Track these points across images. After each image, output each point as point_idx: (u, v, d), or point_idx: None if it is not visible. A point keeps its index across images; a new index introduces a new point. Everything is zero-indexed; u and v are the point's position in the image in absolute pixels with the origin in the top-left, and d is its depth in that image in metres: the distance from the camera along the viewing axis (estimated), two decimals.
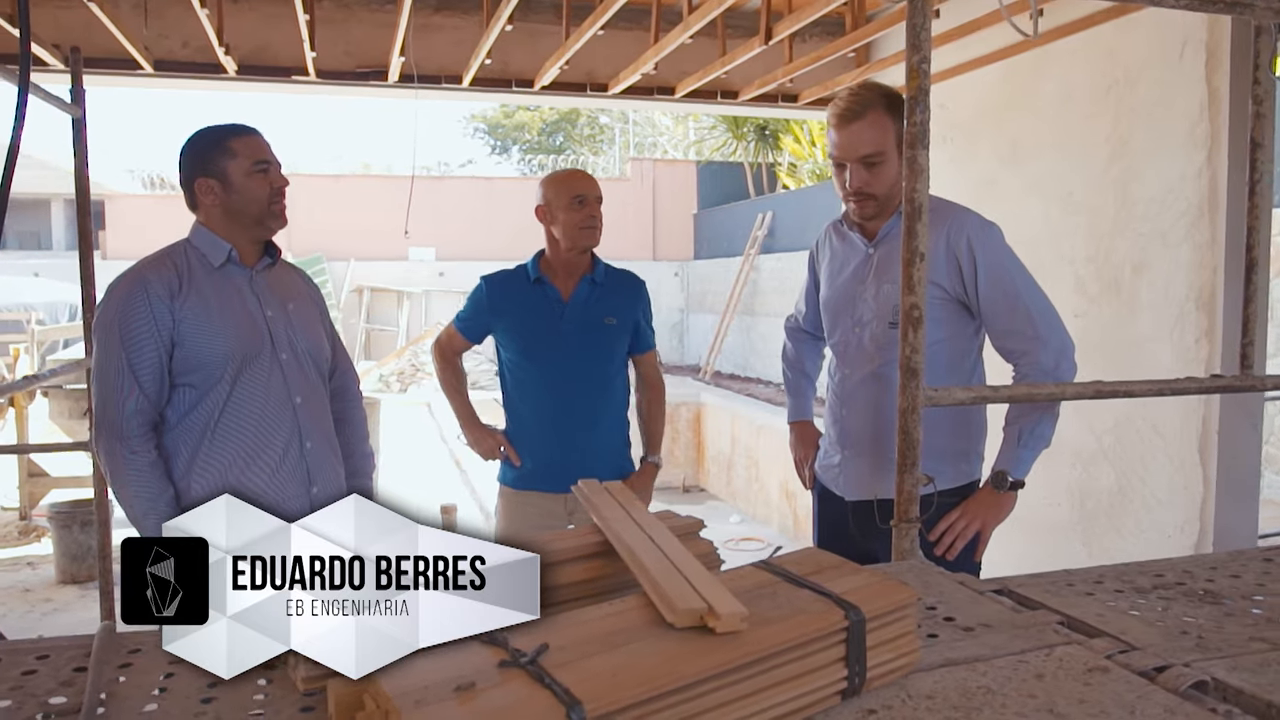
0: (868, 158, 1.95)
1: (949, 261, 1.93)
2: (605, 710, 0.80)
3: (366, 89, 4.61)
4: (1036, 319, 1.89)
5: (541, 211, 2.34)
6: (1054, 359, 1.87)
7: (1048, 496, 4.06)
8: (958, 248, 1.93)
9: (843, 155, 1.96)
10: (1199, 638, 1.13)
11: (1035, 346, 1.88)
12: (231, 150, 1.81)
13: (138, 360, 1.72)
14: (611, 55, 4.88)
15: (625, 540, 1.14)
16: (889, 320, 1.94)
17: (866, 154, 1.94)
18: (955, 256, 1.93)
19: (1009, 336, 1.92)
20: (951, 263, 1.93)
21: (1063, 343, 1.90)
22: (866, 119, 1.93)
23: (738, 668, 0.88)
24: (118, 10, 4.09)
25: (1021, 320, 1.90)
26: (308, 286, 2.02)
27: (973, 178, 4.37)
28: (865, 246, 2.06)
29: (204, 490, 1.76)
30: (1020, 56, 3.96)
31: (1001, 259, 1.94)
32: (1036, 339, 1.88)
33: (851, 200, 1.98)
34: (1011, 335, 1.91)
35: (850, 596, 0.99)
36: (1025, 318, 1.90)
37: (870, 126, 1.93)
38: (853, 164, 1.95)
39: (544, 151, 29.47)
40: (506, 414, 2.41)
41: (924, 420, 1.92)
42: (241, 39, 4.29)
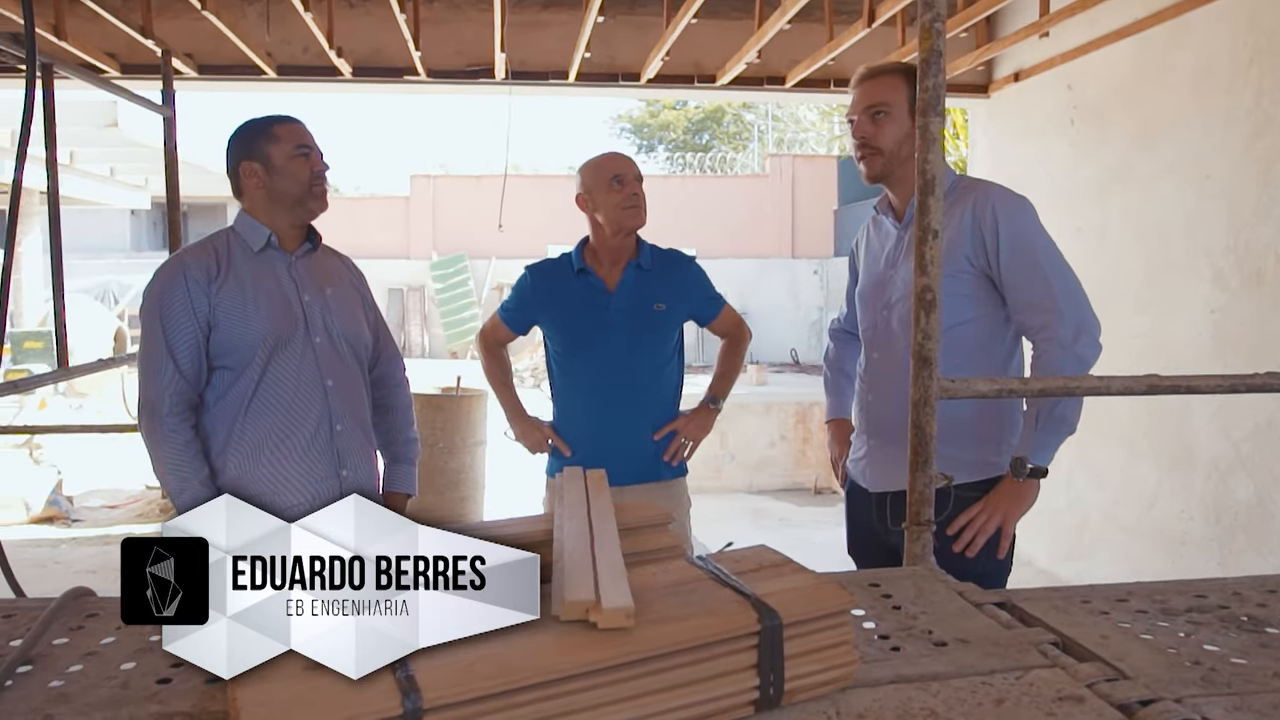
0: (872, 107, 1.91)
1: (974, 235, 1.83)
2: (446, 700, 0.75)
3: (475, 87, 4.72)
4: (1057, 290, 1.75)
5: (582, 200, 2.29)
6: (1072, 332, 1.72)
7: (1183, 509, 3.71)
8: (983, 219, 1.82)
9: (851, 110, 1.95)
10: (1211, 669, 0.97)
11: (1053, 319, 1.74)
12: (274, 135, 1.87)
13: (176, 342, 1.80)
14: (718, 45, 4.79)
15: (564, 529, 1.09)
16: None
17: (871, 104, 1.91)
18: (980, 229, 1.82)
19: (1029, 311, 1.79)
20: (976, 235, 1.82)
21: (1083, 318, 1.75)
22: (880, 79, 1.93)
23: (616, 666, 0.82)
24: (244, 19, 4.36)
25: (1040, 290, 1.76)
26: (350, 273, 2.06)
27: (1100, 162, 4.04)
28: (896, 228, 1.97)
29: (237, 470, 1.83)
30: (1154, 29, 3.63)
31: (1026, 230, 1.81)
32: (1054, 310, 1.74)
33: (859, 157, 1.94)
34: (1030, 308, 1.78)
35: (772, 599, 0.91)
36: (1044, 288, 1.76)
37: (881, 84, 1.92)
38: (859, 116, 1.93)
39: (690, 149, 29.52)
40: (554, 406, 2.38)
41: (949, 406, 1.78)
42: (356, 42, 4.48)
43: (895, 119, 1.90)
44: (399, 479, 2.11)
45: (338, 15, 4.18)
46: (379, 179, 26.23)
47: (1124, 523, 4.01)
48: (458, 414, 5.13)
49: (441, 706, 0.75)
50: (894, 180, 1.95)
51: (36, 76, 1.50)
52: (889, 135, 1.91)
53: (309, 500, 1.84)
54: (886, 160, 1.92)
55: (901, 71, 1.93)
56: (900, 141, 1.90)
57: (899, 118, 1.90)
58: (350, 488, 1.90)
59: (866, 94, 1.92)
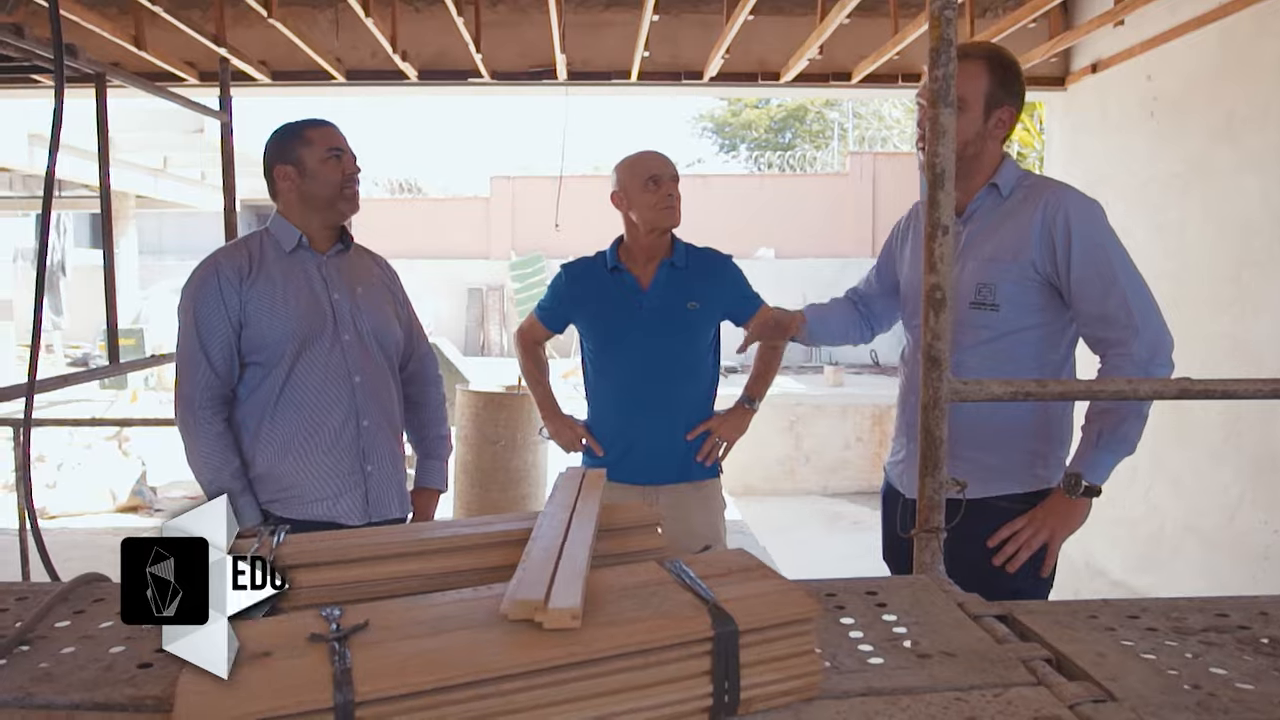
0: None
1: (1043, 240, 1.72)
2: (378, 694, 0.76)
3: (536, 88, 4.76)
4: (1133, 306, 1.64)
5: (617, 198, 2.28)
6: (1149, 352, 1.61)
7: (1266, 520, 3.50)
8: (1053, 224, 1.71)
9: (921, 93, 1.79)
10: (1210, 694, 0.91)
11: (1129, 336, 1.62)
12: (307, 139, 1.92)
13: (208, 339, 1.86)
14: (781, 41, 4.73)
15: (541, 529, 1.08)
16: (969, 299, 1.74)
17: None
18: (1050, 234, 1.71)
19: (1100, 324, 1.67)
20: (1045, 241, 1.72)
21: (1159, 336, 1.63)
22: (960, 64, 1.75)
23: (558, 668, 0.81)
24: (316, 27, 4.49)
25: (1116, 306, 1.65)
26: (383, 273, 2.10)
27: (1180, 155, 3.85)
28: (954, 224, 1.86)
29: (267, 463, 1.88)
30: (1238, 15, 3.43)
31: (1100, 237, 1.69)
32: (1131, 328, 1.62)
33: (920, 145, 1.82)
34: (1103, 322, 1.67)
35: (732, 605, 0.89)
36: (1120, 303, 1.64)
37: (960, 71, 1.76)
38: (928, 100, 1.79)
39: (772, 149, 29.26)
40: (588, 404, 2.38)
41: (997, 415, 1.71)
42: (421, 45, 4.56)
43: (965, 109, 1.78)
44: (429, 474, 2.14)
45: (403, 20, 4.27)
46: (464, 180, 26.76)
47: (1203, 533, 3.81)
48: (520, 412, 5.18)
49: (374, 700, 0.76)
50: (960, 176, 1.79)
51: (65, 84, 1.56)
52: (959, 130, 1.73)
53: (333, 494, 1.89)
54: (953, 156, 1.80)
55: (985, 57, 1.80)
56: (970, 137, 1.78)
57: (970, 108, 1.78)
58: (375, 483, 1.94)
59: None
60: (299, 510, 1.88)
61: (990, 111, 1.79)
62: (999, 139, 1.83)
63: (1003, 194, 1.80)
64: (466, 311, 16.02)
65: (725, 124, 32.18)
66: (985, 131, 1.79)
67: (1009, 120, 1.82)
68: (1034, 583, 1.70)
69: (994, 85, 1.79)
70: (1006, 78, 1.81)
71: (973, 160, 1.80)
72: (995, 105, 1.79)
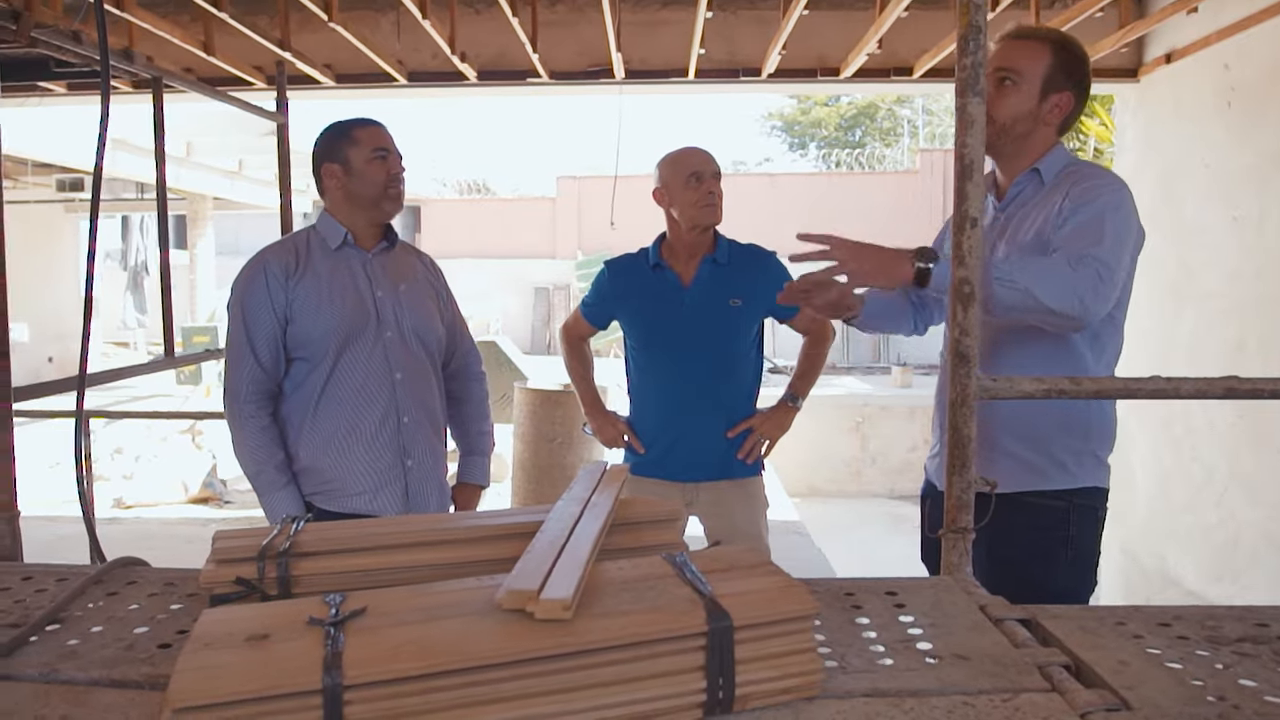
0: (1000, 70, 1.72)
1: (1059, 213, 1.64)
2: (366, 679, 0.77)
3: (594, 87, 4.78)
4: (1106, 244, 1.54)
5: (659, 194, 2.28)
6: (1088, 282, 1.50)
7: None
8: (1067, 195, 1.64)
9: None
10: (1233, 706, 0.87)
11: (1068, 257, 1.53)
12: (354, 138, 1.96)
13: (255, 334, 1.91)
14: (840, 36, 4.66)
15: (551, 520, 1.09)
16: None
17: (1000, 66, 1.72)
18: (1063, 205, 1.64)
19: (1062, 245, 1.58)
20: (1060, 213, 1.64)
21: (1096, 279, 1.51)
22: (1020, 42, 1.74)
23: (547, 658, 0.81)
24: (378, 30, 4.58)
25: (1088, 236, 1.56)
26: (427, 271, 2.13)
27: (1258, 147, 3.67)
28: (994, 208, 1.81)
29: (310, 457, 1.93)
30: None
31: (1105, 203, 1.60)
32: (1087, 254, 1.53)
33: None
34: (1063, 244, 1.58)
35: (728, 600, 0.88)
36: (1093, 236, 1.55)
37: (1018, 47, 1.73)
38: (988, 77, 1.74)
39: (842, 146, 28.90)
40: (630, 401, 2.39)
41: (1030, 409, 1.65)
42: (481, 47, 4.62)
43: (1022, 90, 1.72)
44: (471, 470, 2.17)
45: (461, 21, 4.32)
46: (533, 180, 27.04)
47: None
48: (576, 410, 5.19)
49: (362, 684, 0.77)
50: (1004, 156, 1.79)
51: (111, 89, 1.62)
52: (1009, 105, 1.73)
53: (372, 488, 1.92)
54: (998, 131, 1.72)
55: (1050, 40, 1.74)
56: (1020, 115, 1.73)
57: (1027, 89, 1.72)
58: (415, 478, 1.97)
59: (999, 55, 1.74)
60: (340, 503, 1.92)
61: (1046, 94, 1.73)
62: (1053, 124, 1.77)
63: (1044, 180, 1.74)
64: (533, 310, 16.19)
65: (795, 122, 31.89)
66: (1038, 113, 1.73)
67: (1065, 107, 1.76)
68: (1079, 583, 1.65)
69: (1054, 69, 1.72)
70: (1070, 63, 1.74)
71: (1020, 140, 1.74)
72: (1053, 89, 1.73)
